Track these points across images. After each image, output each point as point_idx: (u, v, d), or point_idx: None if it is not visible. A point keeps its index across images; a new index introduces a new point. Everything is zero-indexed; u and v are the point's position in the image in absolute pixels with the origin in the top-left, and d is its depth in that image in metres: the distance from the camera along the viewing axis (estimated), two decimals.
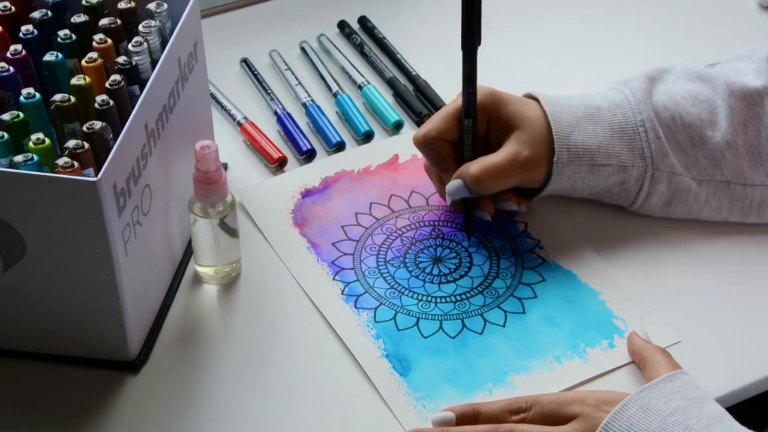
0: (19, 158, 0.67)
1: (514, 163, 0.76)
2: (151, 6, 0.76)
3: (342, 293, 0.77)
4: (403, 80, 0.95)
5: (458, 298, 0.77)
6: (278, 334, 0.75)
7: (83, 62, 0.72)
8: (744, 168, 0.78)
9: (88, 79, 0.71)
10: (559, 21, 1.01)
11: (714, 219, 0.80)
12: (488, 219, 0.79)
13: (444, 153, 0.79)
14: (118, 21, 0.75)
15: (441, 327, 0.75)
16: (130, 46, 0.73)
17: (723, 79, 0.79)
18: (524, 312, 0.76)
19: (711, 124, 0.78)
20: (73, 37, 0.74)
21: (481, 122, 0.78)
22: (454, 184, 0.77)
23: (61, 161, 0.66)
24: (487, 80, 0.80)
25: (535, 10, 1.02)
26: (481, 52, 0.77)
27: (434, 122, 0.79)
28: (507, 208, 0.80)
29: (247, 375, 0.73)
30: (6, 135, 0.68)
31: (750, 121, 0.78)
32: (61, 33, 0.74)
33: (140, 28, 0.75)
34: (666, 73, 0.81)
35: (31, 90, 0.71)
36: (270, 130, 0.90)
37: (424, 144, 0.78)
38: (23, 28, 0.75)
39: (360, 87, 0.94)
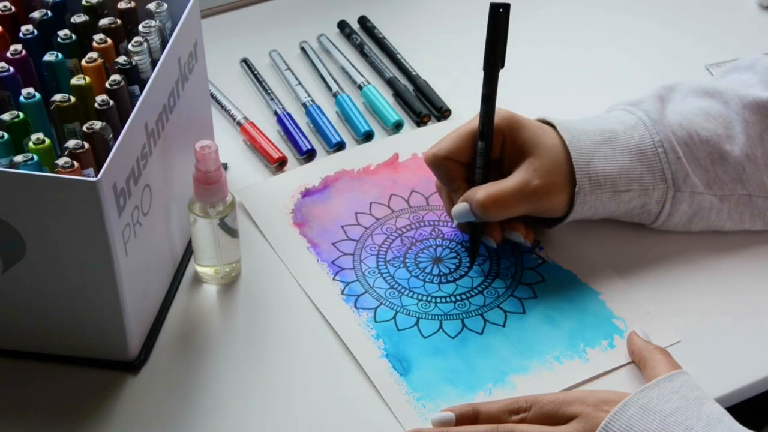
0: (19, 158, 0.66)
1: (523, 191, 0.75)
2: (151, 6, 0.76)
3: (342, 293, 0.77)
4: (403, 80, 0.95)
5: (458, 298, 0.77)
6: (278, 334, 0.75)
7: (83, 62, 0.72)
8: (765, 180, 0.77)
9: (88, 79, 0.71)
10: (557, 21, 1.01)
11: (734, 230, 0.79)
12: (494, 246, 0.78)
13: (454, 173, 0.77)
14: (118, 21, 0.75)
15: (441, 327, 0.75)
16: (130, 46, 0.73)
17: (733, 93, 0.78)
18: (524, 312, 0.76)
19: (728, 139, 0.77)
20: (73, 37, 0.74)
21: (495, 145, 0.77)
22: (460, 207, 0.76)
23: (61, 161, 0.66)
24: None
25: (532, 9, 1.02)
26: (480, 51, 0.77)
27: (446, 142, 0.77)
28: (513, 239, 0.78)
29: (247, 375, 0.72)
30: (6, 135, 0.68)
31: (766, 132, 0.77)
32: (61, 33, 0.74)
33: (140, 28, 0.75)
34: (672, 92, 0.80)
35: (31, 90, 0.71)
36: (270, 130, 0.90)
37: (433, 163, 0.77)
38: (23, 28, 0.74)
39: (360, 87, 0.94)
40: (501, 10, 0.71)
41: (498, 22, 0.72)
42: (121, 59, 0.73)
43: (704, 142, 0.77)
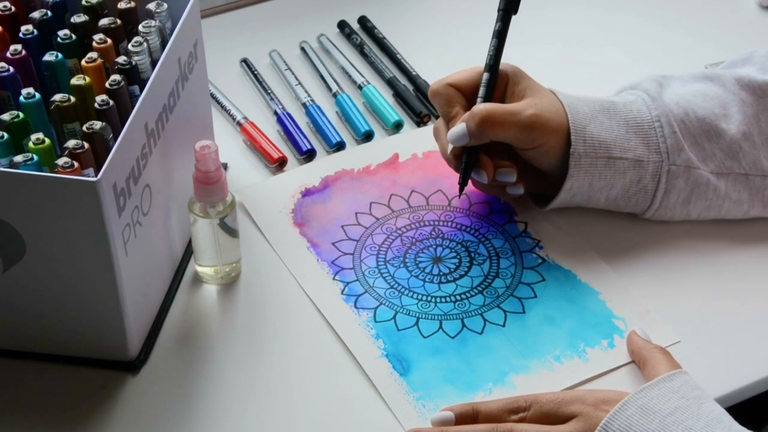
0: (19, 158, 0.66)
1: (521, 115, 0.75)
2: (151, 6, 0.76)
3: (342, 293, 0.77)
4: (403, 80, 0.95)
5: (458, 297, 0.77)
6: (278, 333, 0.75)
7: (83, 62, 0.72)
8: (761, 159, 0.78)
9: (88, 79, 0.71)
10: (557, 20, 1.01)
11: (736, 215, 0.79)
12: (485, 181, 0.78)
13: (454, 100, 0.78)
14: (118, 21, 0.75)
15: (441, 327, 0.75)
16: (130, 46, 0.73)
17: (731, 75, 0.79)
18: (524, 312, 0.76)
19: (725, 118, 0.78)
20: (73, 37, 0.74)
21: (498, 87, 0.78)
22: (457, 128, 0.76)
23: (61, 161, 0.66)
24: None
25: (532, 9, 1.02)
26: (480, 50, 0.78)
27: (454, 74, 0.79)
28: (505, 178, 0.78)
29: (247, 375, 0.72)
30: (6, 135, 0.68)
31: (762, 113, 0.78)
32: (61, 33, 0.74)
33: (140, 28, 0.75)
34: (671, 79, 0.81)
35: (31, 90, 0.71)
36: (270, 130, 0.90)
37: (436, 89, 0.78)
38: (23, 28, 0.74)
39: (360, 87, 0.94)
40: None
41: None
42: (121, 59, 0.73)
43: (700, 119, 0.78)
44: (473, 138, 0.76)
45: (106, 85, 0.71)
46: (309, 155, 0.88)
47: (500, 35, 0.78)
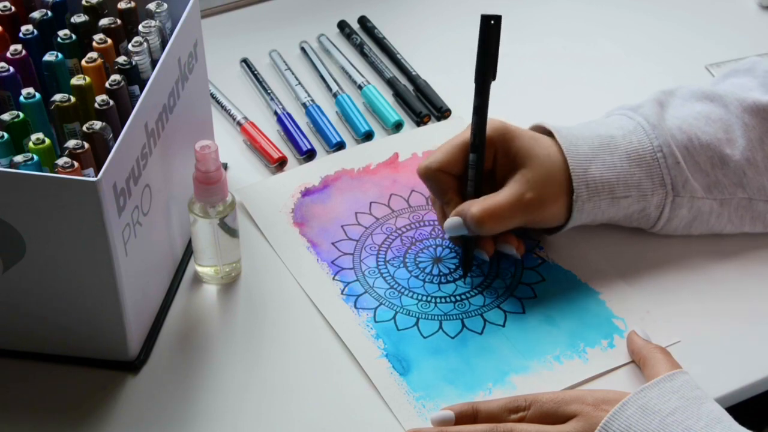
0: (19, 158, 0.66)
1: (518, 204, 0.74)
2: (151, 6, 0.76)
3: (342, 293, 0.77)
4: (403, 80, 0.95)
5: (458, 298, 0.77)
6: (278, 334, 0.75)
7: (83, 62, 0.72)
8: (765, 183, 0.77)
9: (88, 79, 0.71)
10: (556, 20, 1.01)
11: (734, 233, 0.79)
12: (486, 259, 0.77)
13: (445, 185, 0.77)
14: (118, 21, 0.75)
15: (441, 327, 0.75)
16: (130, 46, 0.73)
17: (733, 97, 0.78)
18: (524, 312, 0.76)
19: (729, 143, 0.76)
20: (73, 37, 0.74)
21: (488, 157, 0.76)
22: (452, 221, 0.75)
23: (61, 161, 0.66)
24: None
25: (530, 6, 1.02)
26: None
27: (438, 154, 0.77)
28: (506, 251, 0.77)
29: (246, 375, 0.72)
30: (6, 135, 0.68)
31: (766, 135, 0.77)
32: (61, 33, 0.73)
33: (140, 28, 0.74)
34: (671, 97, 0.80)
35: (31, 90, 0.70)
36: (270, 130, 0.90)
37: (425, 176, 0.77)
38: (23, 28, 0.74)
39: (360, 87, 0.94)
40: (492, 22, 0.71)
41: (489, 34, 0.72)
42: (121, 59, 0.73)
43: (704, 146, 0.76)
44: (471, 233, 0.75)
45: (106, 85, 0.71)
46: (309, 155, 0.88)
47: (480, 110, 0.74)
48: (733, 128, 0.77)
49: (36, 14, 0.75)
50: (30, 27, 0.74)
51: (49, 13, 0.75)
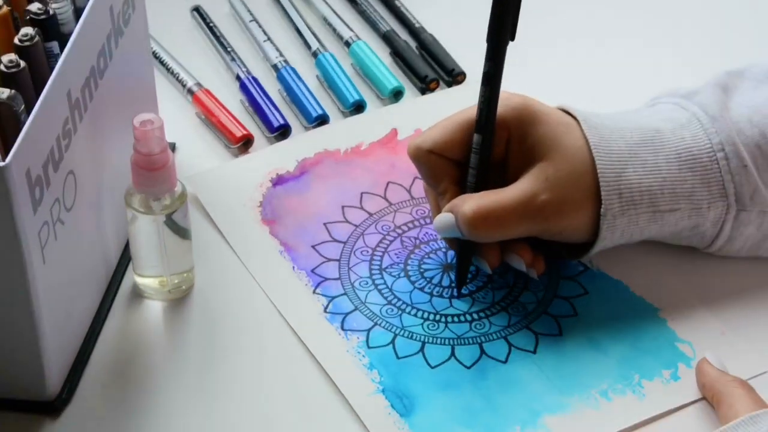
0: None
1: (527, 207, 0.74)
2: None
3: (325, 311, 0.78)
4: (403, 35, 0.95)
5: (475, 316, 0.77)
6: (242, 364, 0.75)
7: None
8: None
9: None
10: (566, 16, 1.00)
11: None
12: (488, 271, 0.77)
13: (440, 172, 0.77)
14: None
15: (453, 354, 0.75)
16: None
17: None
18: (560, 334, 0.76)
19: None
20: None
21: (499, 141, 0.76)
22: (443, 218, 0.75)
23: None
24: None
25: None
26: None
27: (433, 132, 0.77)
28: (513, 264, 0.77)
29: (202, 419, 0.72)
30: None
31: None
32: None
33: None
34: (738, 79, 0.79)
35: None
36: (231, 99, 0.91)
37: (415, 157, 0.77)
38: None
39: (348, 44, 0.94)
40: None
41: None
42: (35, 7, 0.72)
43: None
44: (465, 237, 0.75)
45: (15, 40, 0.70)
46: (282, 132, 0.88)
47: (491, 79, 0.73)
48: None
49: None
50: None
51: None
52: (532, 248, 0.77)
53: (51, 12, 0.72)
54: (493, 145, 0.75)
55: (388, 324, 0.77)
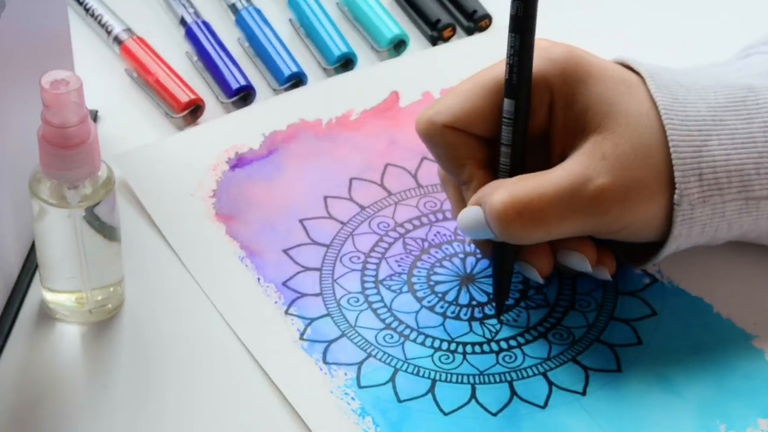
0: None
1: (578, 196, 0.74)
2: None
3: (301, 338, 0.77)
4: None
5: (504, 345, 0.77)
6: (187, 410, 0.75)
7: None
8: None
9: None
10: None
11: None
12: (539, 281, 0.78)
13: (461, 153, 0.77)
14: None
15: (474, 396, 0.75)
16: None
17: None
18: (619, 369, 0.76)
19: None
20: None
21: (538, 108, 0.76)
22: (469, 214, 0.75)
23: None
24: None
25: None
26: None
27: (450, 99, 0.77)
28: (576, 267, 0.77)
29: None
30: None
31: None
32: None
33: None
34: None
35: None
36: (175, 52, 0.91)
37: (426, 135, 0.77)
38: None
39: None
40: None
41: None
42: None
43: None
44: (498, 238, 0.75)
45: None
46: (243, 97, 0.88)
47: (523, 24, 0.73)
48: None
49: None
50: None
51: None
52: (593, 242, 0.77)
53: None
54: (531, 114, 0.75)
55: (387, 356, 0.77)
